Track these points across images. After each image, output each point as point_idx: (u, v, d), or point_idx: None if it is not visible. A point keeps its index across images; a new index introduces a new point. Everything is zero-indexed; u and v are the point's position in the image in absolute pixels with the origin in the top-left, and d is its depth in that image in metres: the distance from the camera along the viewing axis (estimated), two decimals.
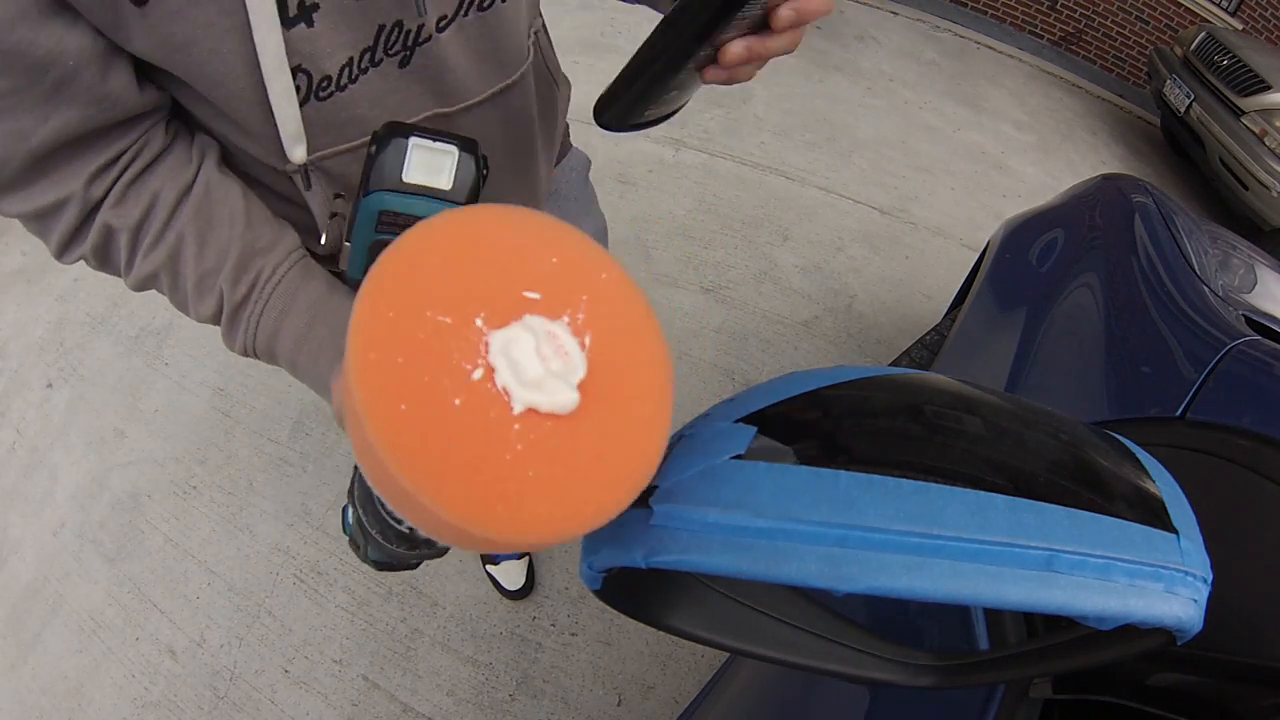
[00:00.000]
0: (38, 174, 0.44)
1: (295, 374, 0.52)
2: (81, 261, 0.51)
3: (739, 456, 0.29)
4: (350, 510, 0.42)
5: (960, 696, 0.56)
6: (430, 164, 0.44)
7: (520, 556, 1.45)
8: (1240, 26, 4.73)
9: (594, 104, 0.53)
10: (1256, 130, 3.03)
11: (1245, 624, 0.52)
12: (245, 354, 0.53)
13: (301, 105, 0.48)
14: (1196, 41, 3.54)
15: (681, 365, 1.89)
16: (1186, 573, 0.27)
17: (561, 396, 0.22)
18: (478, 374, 0.21)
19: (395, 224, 0.46)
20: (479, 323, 0.22)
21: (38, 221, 0.47)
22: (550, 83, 0.70)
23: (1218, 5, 4.85)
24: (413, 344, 0.21)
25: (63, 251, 0.49)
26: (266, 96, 0.46)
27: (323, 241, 0.51)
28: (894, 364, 1.63)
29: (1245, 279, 1.15)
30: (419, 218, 0.42)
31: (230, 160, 0.54)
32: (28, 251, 2.20)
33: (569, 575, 1.48)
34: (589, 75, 2.98)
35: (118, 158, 0.46)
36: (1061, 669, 0.35)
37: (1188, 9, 4.85)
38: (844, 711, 0.62)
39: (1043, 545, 0.26)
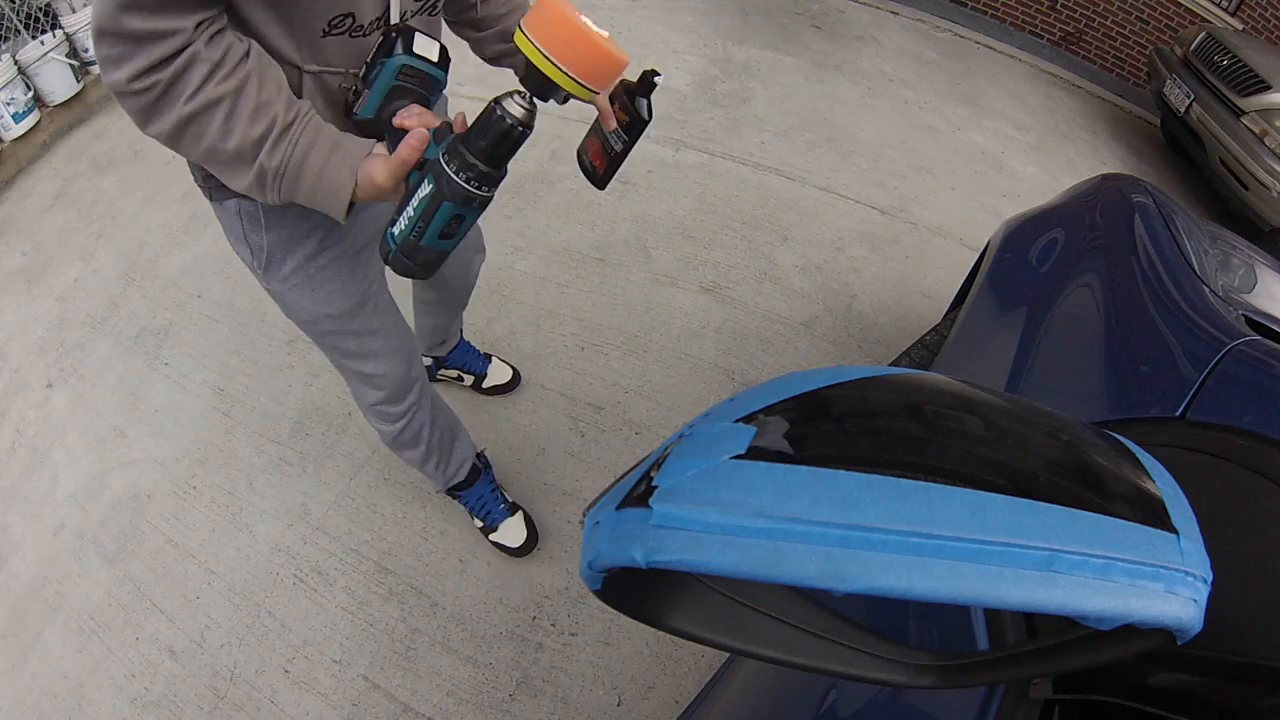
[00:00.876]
0: (169, 6, 0.59)
1: (318, 183, 0.71)
2: (134, 100, 0.63)
3: (739, 456, 0.29)
4: (399, 223, 0.68)
5: (960, 696, 0.56)
6: (426, 46, 0.77)
7: (513, 513, 1.51)
8: (1240, 26, 4.73)
9: (591, 178, 0.98)
10: (1256, 130, 3.03)
11: (1245, 624, 0.52)
12: (278, 171, 0.69)
13: (344, 34, 0.73)
14: (1196, 41, 3.54)
15: (681, 365, 1.89)
16: (1186, 573, 0.27)
17: (602, 33, 0.63)
18: (584, 21, 0.62)
19: (410, 75, 0.76)
20: (581, 17, 0.61)
21: (139, 43, 0.60)
22: None
23: (1218, 5, 4.85)
24: (567, 8, 0.61)
25: (139, 75, 0.62)
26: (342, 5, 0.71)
27: (353, 93, 0.78)
28: (894, 364, 1.62)
29: (1245, 279, 1.15)
30: (425, 74, 0.77)
31: None
32: (27, 251, 2.20)
33: (569, 575, 1.48)
34: None
35: (211, 17, 0.63)
36: (1061, 669, 0.35)
37: (1188, 9, 4.85)
38: (843, 712, 0.62)
39: (1043, 545, 0.26)
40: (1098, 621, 0.26)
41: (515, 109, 0.63)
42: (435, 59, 0.77)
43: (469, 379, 1.74)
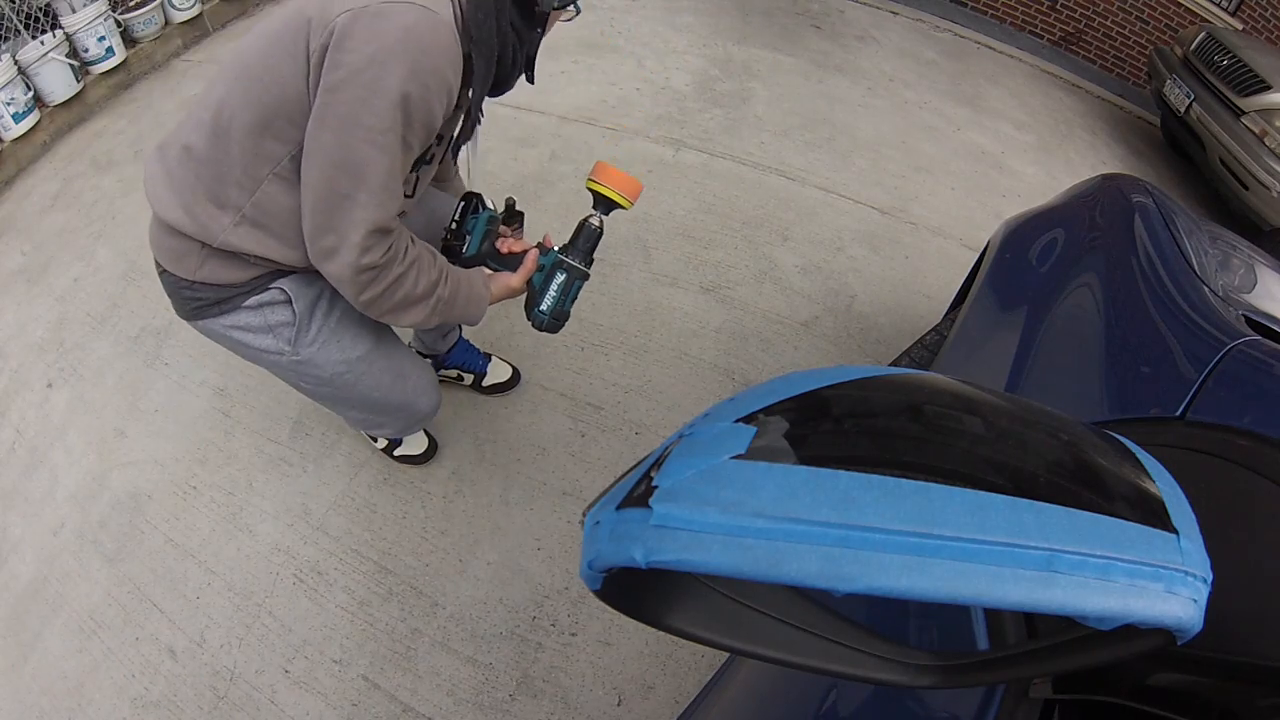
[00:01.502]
0: (401, 203, 0.92)
1: (470, 296, 1.08)
2: (370, 273, 0.92)
3: (739, 456, 0.29)
4: (545, 302, 1.13)
5: (960, 696, 0.56)
6: (491, 205, 1.16)
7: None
8: (1240, 26, 4.73)
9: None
10: (1256, 130, 3.03)
11: (1245, 624, 0.52)
12: (449, 298, 1.03)
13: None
14: (1196, 41, 3.54)
15: (681, 365, 1.89)
16: (1186, 573, 0.27)
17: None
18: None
19: (493, 223, 1.15)
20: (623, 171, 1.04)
21: (389, 233, 0.91)
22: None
23: (1218, 5, 4.85)
24: (616, 169, 1.06)
25: (384, 252, 0.91)
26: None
27: (454, 238, 1.15)
28: (894, 364, 1.62)
29: (1245, 279, 1.14)
30: (495, 216, 1.16)
31: None
32: (27, 251, 2.20)
33: (569, 575, 1.48)
34: (589, 75, 2.99)
35: None
36: (1061, 669, 0.35)
37: (1188, 9, 4.85)
38: (844, 712, 0.62)
39: (1043, 545, 0.26)
40: (1098, 621, 0.26)
41: (596, 222, 1.11)
42: (498, 212, 1.17)
43: (469, 378, 1.74)
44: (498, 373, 1.76)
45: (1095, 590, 0.26)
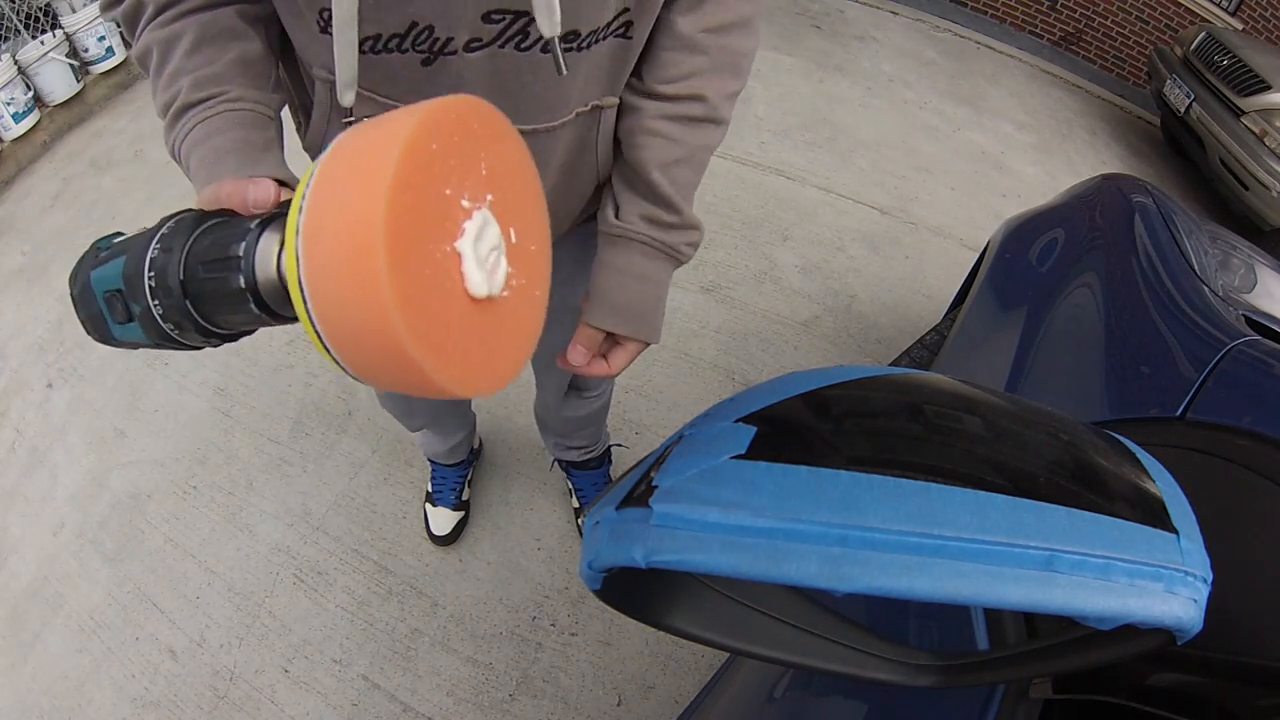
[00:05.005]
0: None
1: (201, 189, 0.49)
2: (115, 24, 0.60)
3: (739, 456, 0.29)
4: (129, 303, 0.40)
5: (960, 696, 0.56)
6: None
7: (457, 510, 1.50)
8: (1240, 26, 4.72)
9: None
10: (1256, 130, 3.03)
11: (1245, 624, 0.52)
12: (173, 155, 0.55)
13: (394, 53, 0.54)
14: (1196, 41, 3.54)
15: (681, 365, 1.89)
16: (1186, 573, 0.27)
17: (497, 281, 0.29)
18: (457, 244, 0.28)
19: None
20: (464, 203, 0.28)
21: None
22: (583, 175, 0.72)
23: (1218, 5, 4.84)
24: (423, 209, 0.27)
25: (109, 6, 0.56)
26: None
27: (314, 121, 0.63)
28: (894, 364, 1.62)
29: (1245, 279, 1.15)
30: None
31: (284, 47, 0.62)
32: (27, 251, 2.20)
33: (569, 575, 1.48)
34: None
35: None
36: (1061, 669, 0.35)
37: (1188, 9, 4.85)
38: (844, 712, 0.62)
39: (1043, 545, 0.26)
40: (1098, 621, 0.26)
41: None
42: None
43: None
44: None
45: (1095, 590, 0.26)
